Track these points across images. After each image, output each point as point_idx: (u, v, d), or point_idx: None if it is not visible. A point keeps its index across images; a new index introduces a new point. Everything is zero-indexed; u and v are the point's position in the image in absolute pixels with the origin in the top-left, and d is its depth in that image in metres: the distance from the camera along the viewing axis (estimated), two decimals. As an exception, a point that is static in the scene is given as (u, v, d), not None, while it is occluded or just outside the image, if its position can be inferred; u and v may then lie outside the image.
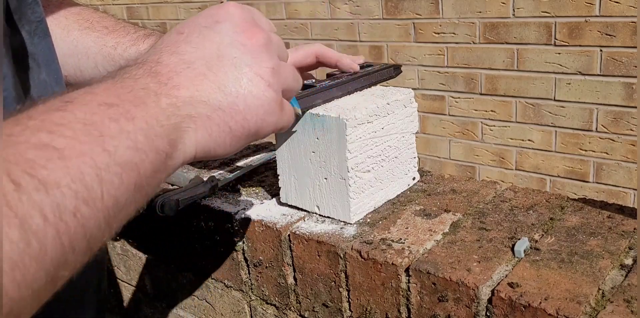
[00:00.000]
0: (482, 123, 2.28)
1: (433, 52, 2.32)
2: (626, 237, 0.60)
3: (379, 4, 2.41)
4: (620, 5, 1.84)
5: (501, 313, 0.53)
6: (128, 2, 3.47)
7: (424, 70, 2.38)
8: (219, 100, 0.44)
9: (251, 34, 0.47)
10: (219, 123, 0.44)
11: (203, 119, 0.43)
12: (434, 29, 2.29)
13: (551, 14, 1.99)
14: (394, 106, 0.71)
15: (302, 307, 0.72)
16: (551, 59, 2.03)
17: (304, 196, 0.72)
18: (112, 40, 0.74)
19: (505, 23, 2.10)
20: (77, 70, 0.74)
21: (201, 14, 0.49)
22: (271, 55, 0.47)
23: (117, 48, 0.74)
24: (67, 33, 0.73)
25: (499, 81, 2.18)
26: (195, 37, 0.46)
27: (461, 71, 2.27)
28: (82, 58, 0.74)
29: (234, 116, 0.44)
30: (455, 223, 0.67)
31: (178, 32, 0.47)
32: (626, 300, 0.51)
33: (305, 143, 0.69)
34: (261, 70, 0.46)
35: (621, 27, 1.86)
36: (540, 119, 2.13)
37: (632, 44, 1.85)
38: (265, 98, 0.46)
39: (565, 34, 1.98)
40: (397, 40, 2.42)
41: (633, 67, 1.87)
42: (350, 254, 0.64)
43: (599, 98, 1.98)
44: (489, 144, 2.30)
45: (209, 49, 0.45)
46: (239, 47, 0.46)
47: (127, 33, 0.75)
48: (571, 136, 2.08)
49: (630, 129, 1.95)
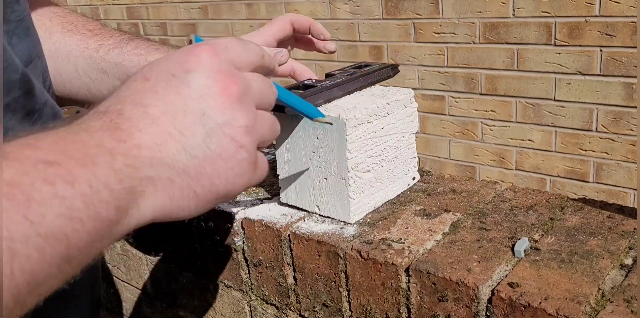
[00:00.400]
0: (482, 122, 2.28)
1: (433, 52, 2.32)
2: (626, 237, 0.60)
3: (379, 4, 2.41)
4: (620, 5, 1.84)
5: (501, 313, 0.53)
6: (128, 2, 3.47)
7: (424, 70, 2.38)
8: (183, 163, 0.39)
9: (224, 87, 0.41)
10: (182, 187, 0.39)
11: (164, 182, 0.38)
12: (434, 29, 2.29)
13: (551, 14, 1.99)
14: (394, 106, 0.71)
15: (302, 307, 0.72)
16: (551, 59, 2.03)
17: (304, 196, 0.72)
18: (95, 43, 0.72)
19: (505, 23, 2.10)
20: (56, 73, 0.71)
21: (171, 57, 0.43)
22: (247, 110, 0.42)
23: (99, 50, 0.72)
24: (49, 35, 0.71)
25: (499, 81, 2.18)
26: (162, 88, 0.40)
27: (461, 71, 2.27)
28: (63, 61, 0.71)
29: (200, 180, 0.40)
30: (455, 223, 0.67)
31: (144, 78, 0.41)
32: (626, 300, 0.51)
33: (305, 143, 0.69)
34: (233, 130, 0.41)
35: (621, 27, 1.86)
36: (540, 119, 2.13)
37: (632, 44, 1.85)
38: (236, 161, 0.41)
39: (565, 34, 1.98)
40: (397, 40, 2.42)
41: (633, 67, 1.87)
42: (350, 254, 0.64)
43: (599, 98, 1.98)
44: (489, 144, 2.30)
45: (176, 103, 0.40)
46: (210, 103, 0.40)
47: (111, 36, 0.73)
48: (571, 136, 2.08)
49: (630, 129, 1.95)
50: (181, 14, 3.21)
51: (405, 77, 2.43)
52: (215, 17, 3.05)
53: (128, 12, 3.50)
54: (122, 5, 3.51)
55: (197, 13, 3.12)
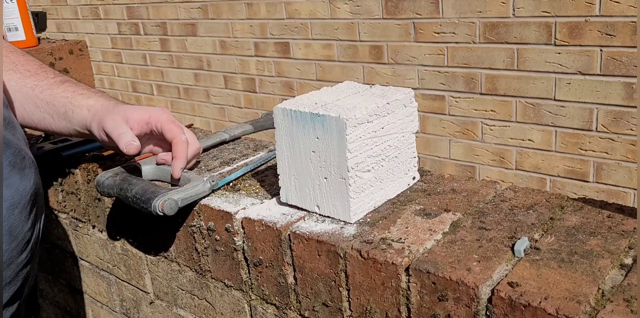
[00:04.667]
0: (482, 122, 2.28)
1: (433, 51, 2.32)
2: (626, 237, 0.60)
3: (379, 3, 2.41)
4: (620, 5, 1.84)
5: (501, 312, 0.53)
6: (128, 2, 3.47)
7: (424, 70, 2.38)
8: None
9: None
10: None
11: None
12: (434, 28, 2.29)
13: (551, 13, 1.99)
14: (394, 106, 0.71)
15: (302, 307, 0.72)
16: (551, 59, 2.03)
17: (304, 196, 0.72)
18: (32, 82, 0.86)
19: (505, 23, 2.10)
20: None
21: None
22: None
23: (34, 89, 0.86)
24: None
25: (499, 81, 2.18)
26: None
27: (461, 71, 2.27)
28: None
29: None
30: (455, 223, 0.67)
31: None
32: (626, 299, 0.51)
33: (305, 143, 0.69)
34: None
35: (621, 27, 1.86)
36: (540, 119, 2.13)
37: (632, 44, 1.85)
38: None
39: (565, 34, 1.98)
40: (397, 40, 2.42)
41: (633, 67, 1.87)
42: (350, 254, 0.64)
43: (599, 98, 1.98)
44: (489, 144, 2.29)
45: None
46: None
47: (46, 77, 0.87)
48: (571, 135, 2.08)
49: (630, 129, 1.95)
50: (181, 14, 3.21)
51: (405, 77, 2.43)
52: (215, 17, 3.05)
53: (128, 12, 3.50)
54: (122, 5, 3.51)
55: (197, 13, 3.12)
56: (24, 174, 0.71)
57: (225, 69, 3.13)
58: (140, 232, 0.94)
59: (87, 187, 1.00)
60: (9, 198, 0.68)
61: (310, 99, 0.72)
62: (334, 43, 2.62)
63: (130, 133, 0.81)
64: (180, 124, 0.84)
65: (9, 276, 0.70)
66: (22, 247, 0.71)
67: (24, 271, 0.73)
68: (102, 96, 0.87)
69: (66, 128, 0.87)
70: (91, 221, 1.03)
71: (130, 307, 1.06)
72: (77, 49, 1.94)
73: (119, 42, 3.65)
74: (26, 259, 0.73)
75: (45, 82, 0.87)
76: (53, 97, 0.86)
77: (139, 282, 1.00)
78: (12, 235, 0.69)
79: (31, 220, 0.73)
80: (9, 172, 0.68)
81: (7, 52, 0.88)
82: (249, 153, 0.95)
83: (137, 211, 0.79)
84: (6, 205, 0.67)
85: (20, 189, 0.70)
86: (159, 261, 0.93)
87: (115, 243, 1.01)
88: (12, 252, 0.69)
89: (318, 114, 0.66)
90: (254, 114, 3.06)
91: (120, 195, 0.81)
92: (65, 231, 1.13)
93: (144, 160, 0.87)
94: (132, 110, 0.83)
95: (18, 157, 0.70)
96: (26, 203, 0.71)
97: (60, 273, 1.22)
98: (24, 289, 0.75)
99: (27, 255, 0.73)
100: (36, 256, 0.78)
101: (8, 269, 0.70)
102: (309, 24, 2.68)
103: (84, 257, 1.12)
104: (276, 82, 2.91)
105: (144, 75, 3.61)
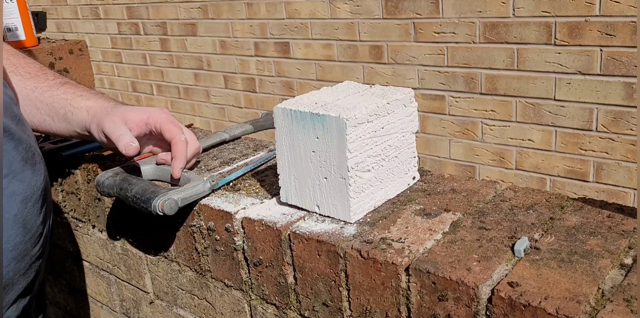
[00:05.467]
0: (482, 122, 2.28)
1: (433, 51, 2.32)
2: (626, 237, 0.60)
3: (379, 3, 2.41)
4: (620, 5, 1.84)
5: (501, 312, 0.53)
6: (128, 2, 3.47)
7: (424, 70, 2.38)
8: None
9: None
10: None
11: None
12: (434, 28, 2.29)
13: (551, 13, 1.99)
14: (394, 106, 0.71)
15: (302, 306, 0.72)
16: (551, 59, 2.03)
17: (304, 196, 0.72)
18: (32, 84, 0.87)
19: (505, 23, 2.10)
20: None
21: None
22: None
23: (35, 91, 0.87)
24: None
25: (499, 81, 2.18)
26: None
27: (461, 71, 2.27)
28: None
29: None
30: (455, 223, 0.67)
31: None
32: (626, 299, 0.51)
33: (305, 143, 0.69)
34: None
35: (621, 26, 1.86)
36: (540, 118, 2.13)
37: (632, 44, 1.85)
38: None
39: (565, 34, 1.98)
40: (397, 40, 2.42)
41: (633, 67, 1.87)
42: (350, 253, 0.64)
43: (599, 98, 1.98)
44: (489, 144, 2.29)
45: None
46: None
47: (46, 79, 0.88)
48: (571, 135, 2.08)
49: (630, 128, 1.95)
50: (181, 14, 3.21)
51: (405, 77, 2.43)
52: (215, 17, 3.05)
53: (128, 12, 3.50)
54: (122, 5, 3.51)
55: (197, 13, 3.12)
56: (36, 169, 0.73)
57: (225, 69, 3.13)
58: (140, 232, 0.94)
59: (87, 187, 1.00)
60: (22, 191, 0.69)
61: (310, 99, 0.72)
62: (334, 43, 2.62)
63: (129, 134, 0.81)
64: (179, 124, 0.84)
65: (24, 267, 0.72)
66: (36, 240, 0.73)
67: (36, 263, 0.75)
68: (101, 97, 0.87)
69: (66, 129, 0.87)
70: (91, 221, 1.03)
71: (130, 306, 1.06)
72: (77, 49, 1.94)
73: (119, 42, 3.65)
74: (39, 252, 0.74)
75: (45, 84, 0.87)
76: (53, 99, 0.86)
77: (139, 282, 1.00)
78: (25, 228, 0.70)
79: (42, 215, 0.74)
80: (22, 167, 0.70)
81: (8, 54, 0.89)
82: (249, 153, 0.95)
83: (137, 211, 0.79)
84: (20, 198, 0.69)
85: (32, 184, 0.71)
86: (159, 261, 0.93)
87: (115, 243, 1.01)
88: (26, 244, 0.71)
89: (318, 114, 0.66)
90: (254, 114, 3.06)
91: (120, 195, 0.81)
92: (65, 231, 1.13)
93: (144, 160, 0.87)
94: (131, 111, 0.83)
95: (29, 153, 0.72)
96: (38, 197, 0.72)
97: (61, 273, 1.22)
98: (36, 283, 0.76)
99: (39, 248, 0.74)
100: (46, 252, 0.79)
101: (22, 261, 0.71)
102: (309, 24, 2.68)
103: (84, 257, 1.12)
104: (276, 82, 2.91)
105: (144, 75, 3.61)
